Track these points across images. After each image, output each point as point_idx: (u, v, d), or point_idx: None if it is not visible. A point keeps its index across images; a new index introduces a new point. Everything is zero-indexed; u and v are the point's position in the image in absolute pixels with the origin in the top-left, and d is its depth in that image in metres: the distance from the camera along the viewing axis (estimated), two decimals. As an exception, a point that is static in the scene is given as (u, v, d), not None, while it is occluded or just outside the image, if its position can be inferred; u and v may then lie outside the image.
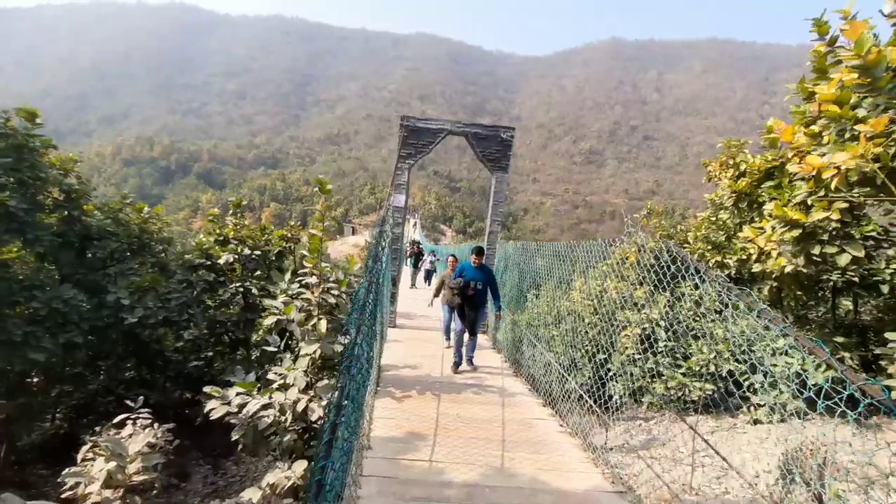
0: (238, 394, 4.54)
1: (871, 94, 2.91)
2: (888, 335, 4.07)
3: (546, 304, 6.81)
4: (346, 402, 1.29)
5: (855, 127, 2.74)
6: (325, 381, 4.79)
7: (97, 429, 4.87)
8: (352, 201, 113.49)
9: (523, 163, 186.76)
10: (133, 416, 4.81)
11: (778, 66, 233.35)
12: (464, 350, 6.23)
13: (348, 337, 2.04)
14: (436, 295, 7.56)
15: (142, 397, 5.06)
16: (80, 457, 4.05)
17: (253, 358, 8.69)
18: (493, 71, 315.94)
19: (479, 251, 6.17)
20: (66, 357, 7.33)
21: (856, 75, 2.95)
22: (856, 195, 2.86)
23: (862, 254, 3.17)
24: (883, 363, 4.20)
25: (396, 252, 8.12)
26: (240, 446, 4.54)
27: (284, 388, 4.64)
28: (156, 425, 4.76)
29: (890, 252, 5.15)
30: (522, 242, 8.88)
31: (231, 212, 8.75)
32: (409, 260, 18.30)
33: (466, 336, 6.22)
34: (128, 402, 4.96)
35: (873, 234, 4.96)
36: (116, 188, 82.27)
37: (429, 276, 17.70)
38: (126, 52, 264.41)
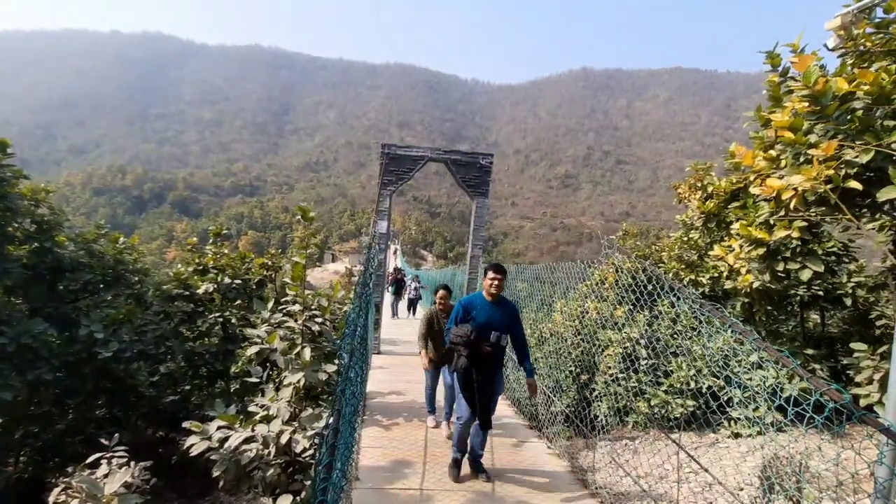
0: (219, 427, 4.42)
1: (821, 120, 3.16)
2: (853, 346, 4.28)
3: (528, 327, 6.89)
4: (342, 425, 1.32)
5: (808, 151, 2.96)
6: (310, 412, 4.71)
7: (69, 470, 4.63)
8: (331, 228, 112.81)
9: (502, 187, 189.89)
10: (108, 456, 4.61)
11: (739, 93, 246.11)
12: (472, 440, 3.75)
13: (341, 360, 2.06)
14: (424, 346, 4.98)
15: (117, 434, 4.86)
16: (51, 499, 3.85)
17: (232, 390, 8.45)
18: (470, 99, 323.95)
19: (498, 269, 3.75)
20: (33, 395, 7.00)
21: (806, 104, 3.21)
22: (813, 214, 3.06)
23: (822, 269, 3.36)
24: (850, 373, 4.40)
25: (380, 279, 8.13)
26: (220, 483, 4.39)
27: (267, 419, 4.54)
28: (132, 464, 4.57)
29: (851, 266, 5.46)
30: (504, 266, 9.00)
31: (211, 241, 8.64)
32: (389, 287, 16.21)
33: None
34: (101, 440, 4.76)
35: (834, 249, 5.26)
36: (86, 218, 79.94)
37: (412, 305, 16.41)
38: (99, 80, 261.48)
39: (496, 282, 3.67)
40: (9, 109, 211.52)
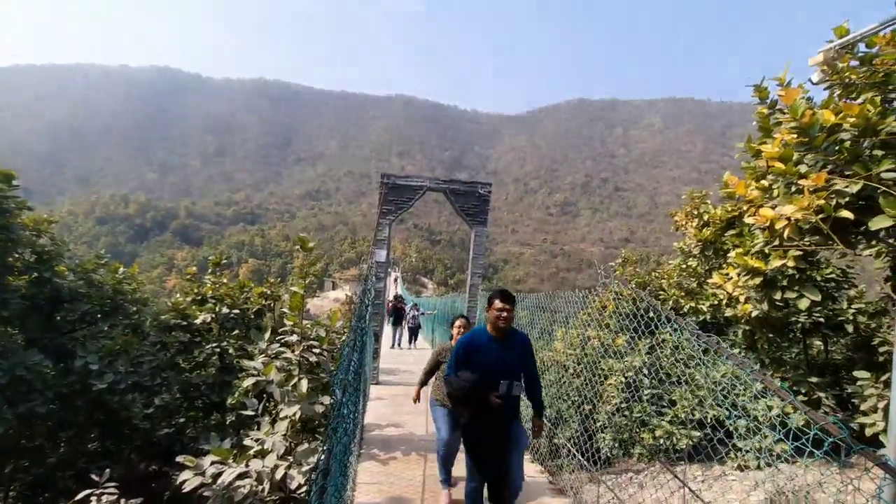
0: (213, 462, 4.32)
1: (810, 151, 3.22)
2: (857, 374, 4.23)
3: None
4: (333, 464, 1.29)
5: (799, 181, 3.01)
6: (306, 446, 4.60)
7: (57, 507, 4.51)
8: (332, 255, 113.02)
9: (501, 215, 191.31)
10: (97, 492, 4.49)
11: (733, 121, 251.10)
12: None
13: (334, 397, 2.03)
14: (423, 383, 4.28)
15: (108, 470, 4.75)
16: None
17: (228, 423, 8.28)
18: (469, 128, 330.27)
19: (505, 297, 2.99)
20: (25, 429, 6.86)
21: (795, 135, 3.28)
22: (807, 243, 3.08)
23: (819, 297, 3.36)
24: (856, 401, 4.33)
25: (378, 307, 8.10)
26: (213, 520, 4.25)
27: (262, 454, 4.44)
28: (122, 501, 4.45)
29: (850, 293, 5.44)
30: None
31: (210, 270, 8.65)
32: (388, 317, 15.43)
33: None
34: (92, 476, 4.64)
35: (833, 276, 5.27)
36: (88, 247, 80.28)
37: (413, 334, 15.73)
38: (106, 112, 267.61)
39: (504, 314, 2.86)
40: (17, 140, 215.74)
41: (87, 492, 4.49)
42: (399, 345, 14.97)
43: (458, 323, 4.13)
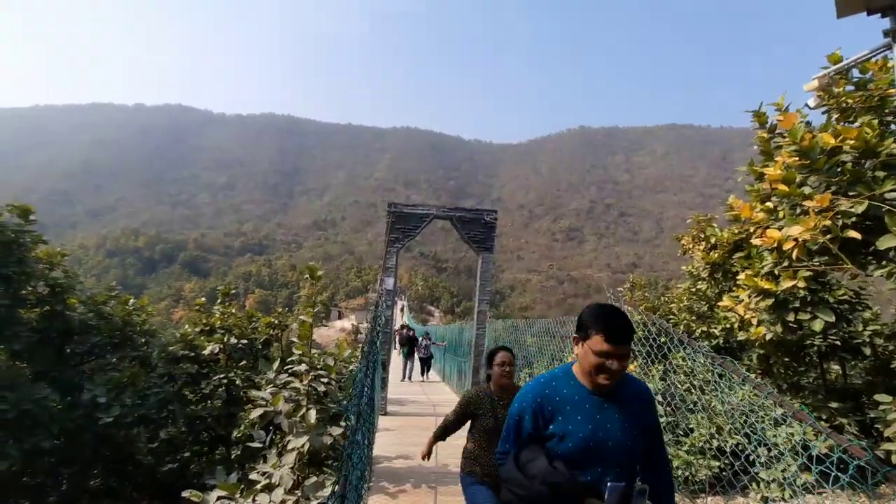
0: (219, 498, 4.23)
1: (812, 173, 3.26)
2: (878, 398, 4.11)
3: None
4: (349, 490, 1.28)
5: (803, 203, 3.03)
6: (314, 479, 4.51)
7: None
8: (338, 285, 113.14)
9: (507, 241, 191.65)
10: (101, 530, 4.39)
11: (734, 146, 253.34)
12: None
13: (348, 422, 2.02)
14: (438, 437, 3.03)
15: (112, 507, 4.66)
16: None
17: (233, 457, 8.13)
18: (473, 157, 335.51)
19: (619, 327, 1.46)
20: (28, 465, 6.77)
21: (796, 157, 3.33)
22: (817, 264, 3.08)
23: (833, 318, 3.32)
24: (879, 427, 4.19)
25: (387, 336, 8.06)
26: (218, 560, 4.13)
27: (269, 488, 4.35)
28: (125, 539, 4.34)
29: (865, 314, 5.36)
30: (512, 321, 8.93)
31: (219, 300, 8.70)
32: (400, 348, 14.71)
33: None
34: (96, 513, 4.55)
35: (846, 298, 5.20)
36: (97, 279, 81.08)
37: (425, 364, 14.46)
38: (120, 149, 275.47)
39: (617, 362, 1.45)
40: (32, 177, 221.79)
41: (91, 529, 4.39)
42: (410, 378, 13.80)
43: (500, 358, 2.72)
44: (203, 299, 9.12)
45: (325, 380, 5.18)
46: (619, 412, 1.49)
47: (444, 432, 2.97)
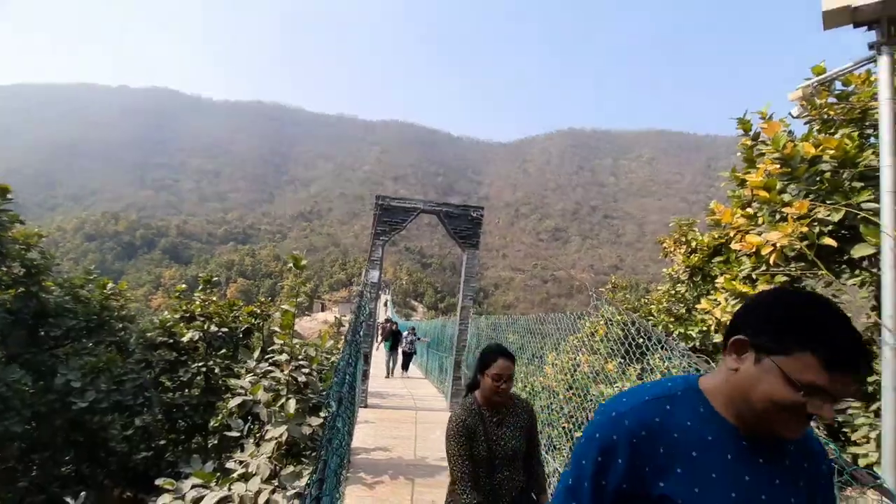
0: (194, 486, 4.18)
1: (793, 181, 3.34)
2: (846, 403, 4.25)
3: (519, 381, 6.76)
4: (328, 474, 1.28)
5: (783, 209, 3.11)
6: (291, 469, 4.48)
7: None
8: (322, 277, 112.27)
9: (492, 239, 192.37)
10: (71, 516, 4.31)
11: (719, 154, 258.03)
12: None
13: (329, 409, 2.01)
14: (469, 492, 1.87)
15: (83, 493, 4.58)
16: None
17: (210, 446, 8.05)
18: (462, 154, 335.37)
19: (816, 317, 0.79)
20: (-3, 449, 6.61)
21: (778, 165, 3.41)
22: (793, 269, 3.17)
23: (806, 323, 3.43)
24: (847, 431, 4.34)
25: (369, 328, 8.04)
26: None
27: (246, 477, 4.31)
28: (96, 526, 4.27)
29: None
30: (494, 317, 8.98)
31: (200, 287, 8.57)
32: (383, 342, 14.40)
33: None
34: (67, 500, 4.47)
35: (818, 305, 5.35)
36: (75, 263, 78.97)
37: (408, 360, 14.09)
38: (104, 131, 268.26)
39: (830, 405, 0.78)
40: (15, 157, 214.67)
41: (61, 515, 4.30)
42: (393, 373, 13.39)
43: (497, 369, 2.00)
44: (184, 286, 8.98)
45: (307, 370, 5.15)
46: (782, 477, 0.84)
47: (474, 490, 1.89)
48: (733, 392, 0.85)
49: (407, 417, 7.58)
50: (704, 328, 5.47)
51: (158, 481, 4.14)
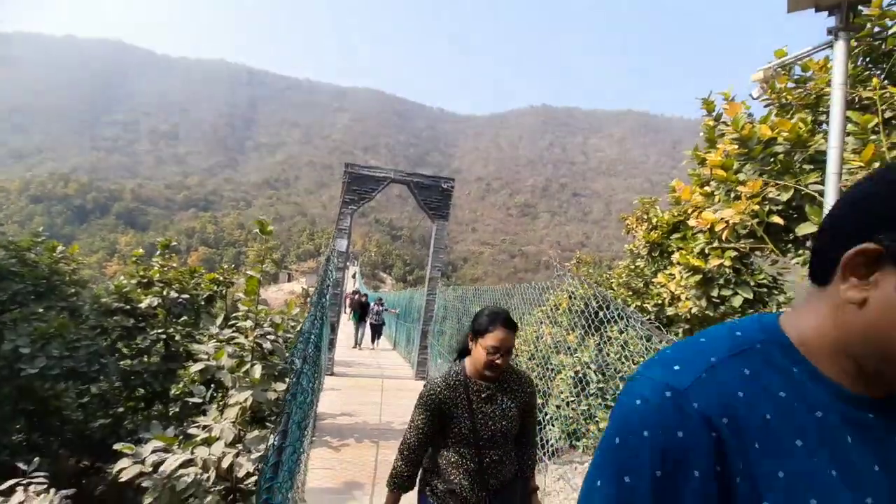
0: (154, 450, 4.14)
1: (748, 161, 3.50)
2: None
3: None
4: (291, 427, 1.31)
5: (738, 188, 3.27)
6: (256, 433, 4.50)
7: (-24, 498, 4.17)
8: (289, 247, 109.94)
9: (462, 213, 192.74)
10: (24, 482, 4.20)
11: (683, 137, 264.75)
12: None
13: (293, 366, 2.03)
14: (403, 478, 1.77)
15: (37, 459, 4.45)
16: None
17: (171, 414, 7.92)
18: (434, 126, 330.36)
19: None
20: (-62, 418, 6.30)
21: (736, 146, 3.56)
22: (743, 245, 3.35)
23: (751, 295, 3.66)
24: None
25: (336, 297, 8.00)
26: (152, 513, 4.08)
27: (209, 442, 4.30)
28: (52, 491, 4.18)
29: (780, 298, 5.93)
30: (462, 289, 9.12)
31: (158, 253, 8.25)
32: (350, 312, 14.22)
33: None
34: (19, 465, 4.34)
35: (765, 281, 5.71)
36: (20, 226, 74.03)
37: (376, 331, 13.94)
38: (48, 86, 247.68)
39: None
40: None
41: (13, 482, 4.19)
42: (360, 345, 13.32)
43: (495, 340, 1.68)
44: (141, 251, 8.61)
45: (272, 337, 5.11)
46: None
47: (410, 463, 1.77)
48: (853, 338, 0.53)
49: (373, 385, 7.70)
50: (660, 301, 5.75)
51: (117, 446, 4.06)
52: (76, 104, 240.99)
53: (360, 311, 13.37)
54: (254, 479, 3.98)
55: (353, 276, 44.08)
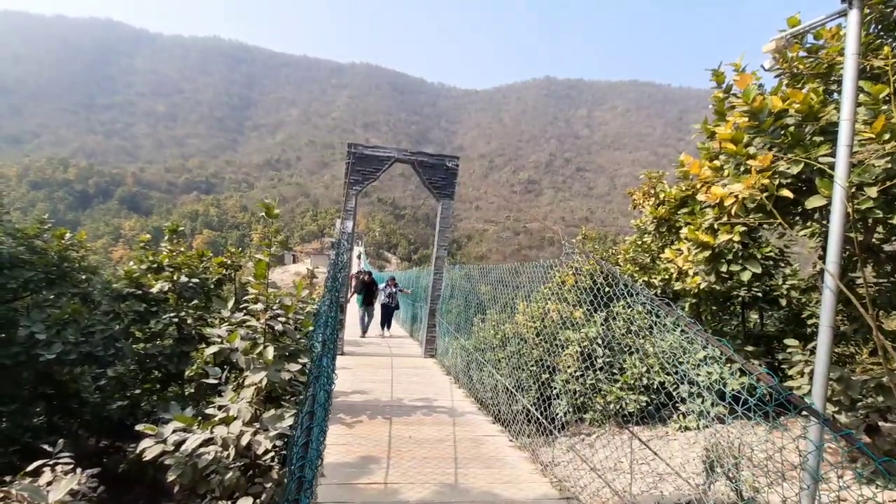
0: (175, 430, 4.27)
1: (759, 134, 3.45)
2: (787, 342, 4.66)
3: (492, 328, 7.04)
4: (317, 408, 1.36)
5: (747, 162, 3.24)
6: (272, 412, 4.62)
7: (7, 479, 4.33)
8: (293, 228, 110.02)
9: (466, 191, 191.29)
10: (51, 463, 4.34)
11: (690, 107, 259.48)
12: None
13: (314, 350, 2.08)
14: None
15: (61, 441, 4.60)
16: (-13, 510, 3.60)
17: (187, 395, 8.12)
18: (436, 102, 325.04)
19: None
20: (-38, 402, 6.48)
21: (746, 118, 3.50)
22: (752, 220, 3.34)
23: (759, 270, 3.67)
24: (785, 368, 4.80)
25: (345, 279, 8.06)
26: (175, 489, 4.24)
27: (227, 421, 4.43)
28: (78, 470, 4.33)
29: (786, 270, 5.94)
30: (468, 267, 9.17)
31: (166, 237, 8.30)
32: (356, 295, 11.76)
33: None
34: (44, 447, 4.48)
35: (771, 254, 5.71)
36: (23, 213, 74.31)
37: (387, 316, 12.16)
38: (39, 67, 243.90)
39: None
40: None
41: (39, 463, 4.33)
42: (366, 333, 11.61)
43: None
44: (148, 236, 8.66)
45: (283, 319, 5.19)
46: None
47: None
48: None
49: (383, 363, 7.83)
50: (667, 276, 5.77)
51: (139, 427, 4.18)
52: (69, 86, 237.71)
53: (365, 291, 11.55)
54: (271, 455, 4.11)
55: (359, 257, 44.25)
